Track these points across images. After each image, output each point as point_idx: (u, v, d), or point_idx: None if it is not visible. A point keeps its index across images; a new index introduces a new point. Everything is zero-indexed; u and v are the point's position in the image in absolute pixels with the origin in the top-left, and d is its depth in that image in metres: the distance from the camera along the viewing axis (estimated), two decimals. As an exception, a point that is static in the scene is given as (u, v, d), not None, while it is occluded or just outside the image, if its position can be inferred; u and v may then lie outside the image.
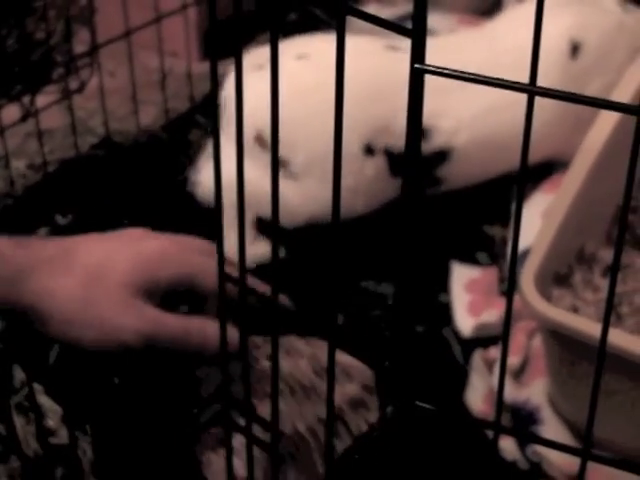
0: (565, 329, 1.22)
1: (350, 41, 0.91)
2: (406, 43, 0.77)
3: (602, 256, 1.42)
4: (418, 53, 0.65)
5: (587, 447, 0.81)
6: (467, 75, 0.65)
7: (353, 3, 2.52)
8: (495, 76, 0.66)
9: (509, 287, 0.79)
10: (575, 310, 1.30)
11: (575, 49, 1.74)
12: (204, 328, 1.25)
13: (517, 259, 1.67)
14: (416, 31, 0.64)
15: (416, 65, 0.65)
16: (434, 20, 2.22)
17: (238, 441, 1.05)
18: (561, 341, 1.26)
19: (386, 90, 1.66)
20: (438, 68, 0.65)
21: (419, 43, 0.64)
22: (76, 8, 1.75)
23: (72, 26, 1.76)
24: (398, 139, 1.67)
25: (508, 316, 0.80)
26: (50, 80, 1.79)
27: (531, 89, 0.65)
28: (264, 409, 0.94)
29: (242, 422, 0.94)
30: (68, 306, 1.24)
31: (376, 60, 1.71)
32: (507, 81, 0.65)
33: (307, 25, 2.26)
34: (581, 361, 1.26)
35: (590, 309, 1.30)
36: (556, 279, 1.36)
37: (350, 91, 0.78)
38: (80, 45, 1.90)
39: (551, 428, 1.39)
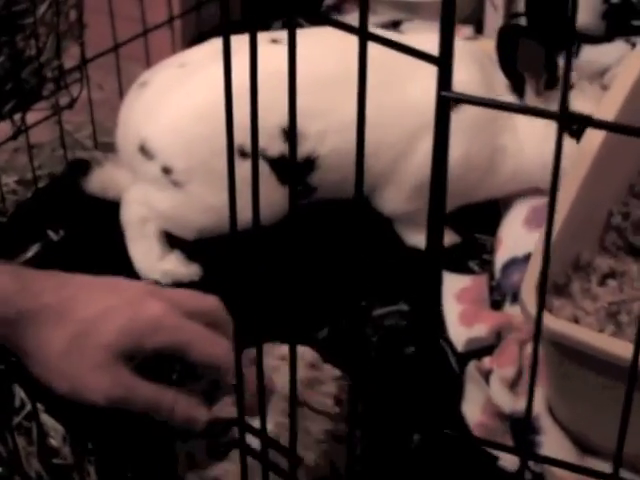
0: (568, 340, 1.23)
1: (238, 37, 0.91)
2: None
3: (598, 264, 1.44)
4: (444, 80, 0.65)
5: (617, 468, 0.81)
6: (497, 103, 0.65)
7: (334, 10, 2.53)
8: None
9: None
10: (576, 320, 1.31)
11: None
12: (174, 403, 1.24)
13: (500, 268, 1.70)
14: (442, 58, 0.65)
15: (443, 93, 0.65)
16: (417, 27, 2.22)
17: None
18: (563, 351, 1.27)
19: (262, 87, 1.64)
20: (464, 96, 0.66)
21: (445, 70, 0.65)
22: (65, 24, 1.75)
23: (62, 42, 1.75)
24: (269, 141, 1.61)
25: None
26: (41, 97, 1.78)
27: (561, 116, 0.65)
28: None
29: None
30: (52, 357, 1.23)
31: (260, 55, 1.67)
32: (537, 109, 0.66)
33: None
34: (583, 370, 1.27)
35: (590, 318, 1.31)
36: (555, 289, 1.37)
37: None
38: (68, 60, 1.90)
39: (551, 436, 1.41)
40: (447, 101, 0.66)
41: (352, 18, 2.34)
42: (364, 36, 0.71)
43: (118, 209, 1.83)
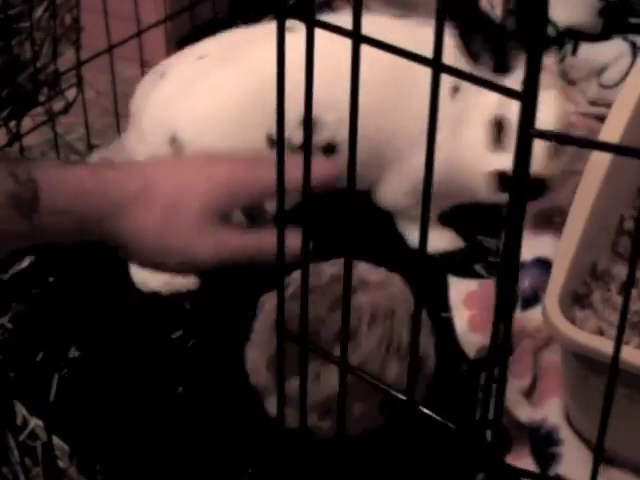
0: (595, 354, 1.21)
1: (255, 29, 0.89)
2: (301, 26, 0.78)
3: (617, 272, 1.42)
4: (528, 117, 0.63)
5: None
6: (581, 139, 0.63)
7: (325, 6, 2.49)
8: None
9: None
10: (600, 332, 1.29)
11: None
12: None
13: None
14: (527, 94, 0.62)
15: (527, 130, 0.63)
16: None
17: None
18: (588, 364, 1.25)
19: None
20: (550, 133, 0.63)
21: (530, 107, 0.62)
22: (61, 28, 1.70)
23: (58, 46, 1.71)
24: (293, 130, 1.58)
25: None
26: (37, 103, 1.74)
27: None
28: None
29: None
30: (151, 239, 1.27)
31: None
32: (620, 146, 0.63)
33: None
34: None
35: (615, 330, 1.29)
36: (575, 298, 1.35)
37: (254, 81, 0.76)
38: (61, 62, 1.86)
39: (571, 448, 1.39)
40: (530, 138, 0.63)
41: (345, 15, 2.30)
42: (358, 39, 0.70)
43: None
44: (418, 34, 1.39)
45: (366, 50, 0.76)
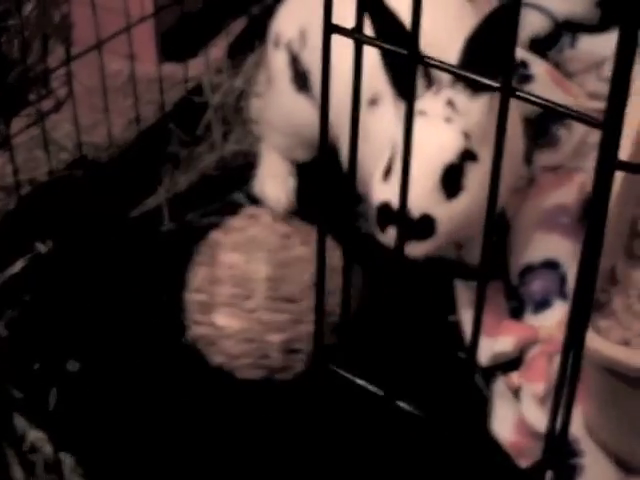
0: (623, 367, 1.18)
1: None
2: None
3: (636, 278, 1.38)
4: (612, 147, 0.58)
5: None
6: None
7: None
8: None
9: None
10: (626, 343, 1.25)
11: None
12: None
13: (516, 274, 1.64)
14: (609, 123, 0.57)
15: (610, 161, 0.58)
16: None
17: None
18: (616, 376, 1.22)
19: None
20: (633, 165, 0.59)
21: (613, 137, 0.58)
22: (51, 25, 1.64)
23: (48, 43, 1.64)
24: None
25: None
26: (27, 102, 1.68)
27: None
28: None
29: None
30: None
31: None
32: None
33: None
34: (637, 393, 1.22)
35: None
36: (596, 306, 1.32)
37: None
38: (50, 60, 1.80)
39: (593, 459, 1.36)
40: (613, 170, 0.59)
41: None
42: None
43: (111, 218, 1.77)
44: None
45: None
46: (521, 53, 1.98)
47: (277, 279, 1.56)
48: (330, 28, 0.66)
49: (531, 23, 2.06)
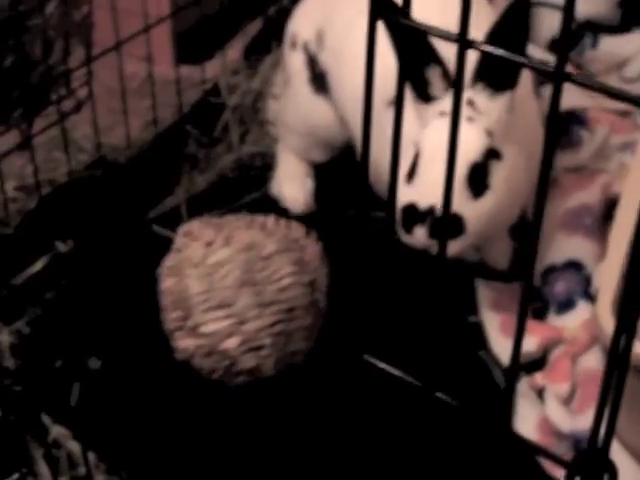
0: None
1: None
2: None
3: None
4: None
5: None
6: None
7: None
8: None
9: None
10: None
11: None
12: None
13: (539, 275, 1.64)
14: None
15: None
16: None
17: None
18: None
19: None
20: None
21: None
22: (72, 25, 1.64)
23: (69, 43, 1.65)
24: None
25: None
26: (49, 102, 1.68)
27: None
28: None
29: None
30: None
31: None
32: None
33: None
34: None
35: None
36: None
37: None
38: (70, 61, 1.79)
39: (617, 460, 1.34)
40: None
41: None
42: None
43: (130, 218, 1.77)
44: None
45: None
46: (541, 54, 1.98)
47: (206, 290, 1.55)
48: (376, 13, 0.66)
49: (551, 24, 2.05)
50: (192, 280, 1.56)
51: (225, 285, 1.55)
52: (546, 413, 1.43)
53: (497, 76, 1.43)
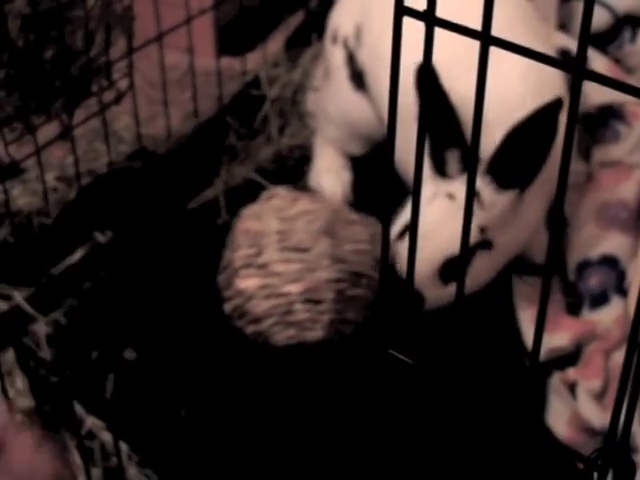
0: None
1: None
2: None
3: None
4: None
5: None
6: None
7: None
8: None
9: None
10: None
11: None
12: None
13: (573, 269, 1.63)
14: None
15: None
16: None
17: None
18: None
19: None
20: None
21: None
22: (113, 17, 1.65)
23: (110, 35, 1.66)
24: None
25: None
26: (90, 93, 1.69)
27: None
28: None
29: None
30: None
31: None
32: None
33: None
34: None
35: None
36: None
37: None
38: (112, 52, 1.80)
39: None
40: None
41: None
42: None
43: (169, 209, 1.78)
44: None
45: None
46: (581, 48, 1.96)
47: (286, 231, 1.61)
48: (401, 10, 0.66)
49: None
50: (274, 220, 1.63)
51: (306, 230, 1.61)
52: (578, 409, 1.43)
53: (507, 173, 1.43)
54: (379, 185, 1.83)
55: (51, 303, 1.66)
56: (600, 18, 2.06)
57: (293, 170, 1.98)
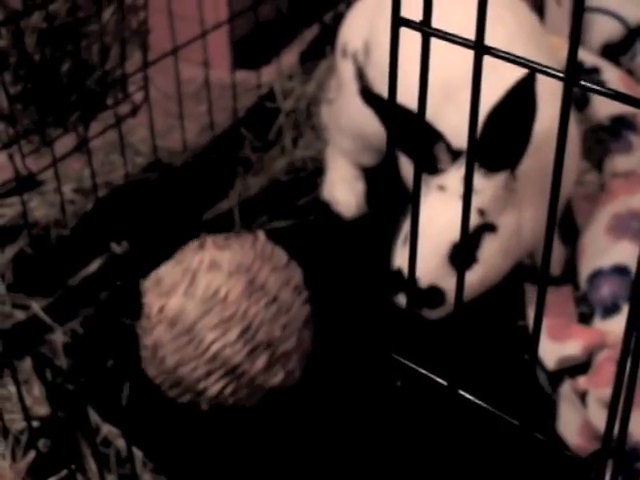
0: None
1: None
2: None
3: None
4: None
5: None
6: None
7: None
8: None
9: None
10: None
11: None
12: None
13: (585, 279, 1.64)
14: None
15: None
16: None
17: None
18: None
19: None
20: None
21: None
22: (129, 31, 1.68)
23: (125, 49, 1.69)
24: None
25: None
26: (105, 106, 1.72)
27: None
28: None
29: None
30: None
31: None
32: None
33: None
34: None
35: None
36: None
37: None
38: (127, 66, 1.83)
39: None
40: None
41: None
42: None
43: (184, 220, 1.80)
44: None
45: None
46: (594, 59, 1.98)
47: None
48: (398, 21, 0.68)
49: (603, 29, 2.05)
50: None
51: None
52: (588, 417, 1.44)
53: (492, 157, 1.45)
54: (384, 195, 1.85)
55: (68, 313, 1.68)
56: (612, 29, 2.07)
57: (307, 182, 1.99)
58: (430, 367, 0.86)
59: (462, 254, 0.98)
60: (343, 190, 1.93)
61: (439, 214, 1.47)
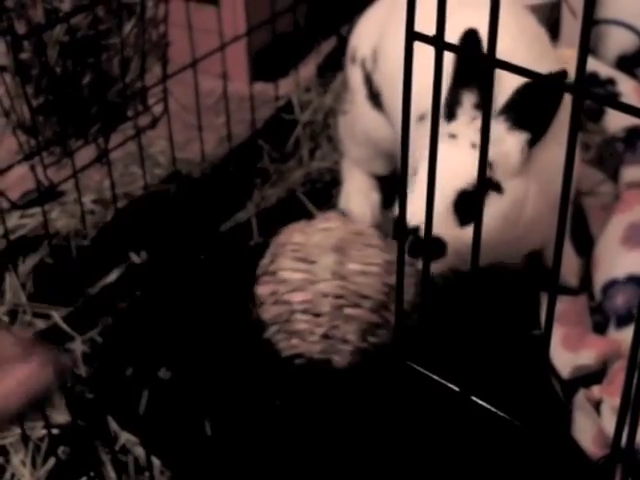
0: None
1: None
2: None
3: None
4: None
5: None
6: None
7: None
8: None
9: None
10: None
11: None
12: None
13: (600, 289, 1.65)
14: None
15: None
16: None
17: None
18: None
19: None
20: None
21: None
22: (149, 44, 1.70)
23: (146, 62, 1.71)
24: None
25: None
26: (126, 118, 1.74)
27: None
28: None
29: None
30: None
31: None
32: None
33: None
34: None
35: None
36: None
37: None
38: (147, 78, 1.86)
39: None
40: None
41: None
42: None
43: (201, 232, 1.82)
44: None
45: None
46: (609, 71, 1.99)
47: (301, 243, 1.67)
48: (412, 36, 0.69)
49: (618, 41, 2.06)
50: (297, 233, 1.69)
51: (317, 244, 1.65)
52: (602, 426, 1.44)
53: (519, 114, 1.44)
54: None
55: (88, 322, 1.70)
56: (628, 41, 2.09)
57: (323, 192, 2.01)
58: (443, 374, 0.88)
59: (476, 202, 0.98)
60: (358, 201, 1.94)
61: (448, 161, 1.42)
